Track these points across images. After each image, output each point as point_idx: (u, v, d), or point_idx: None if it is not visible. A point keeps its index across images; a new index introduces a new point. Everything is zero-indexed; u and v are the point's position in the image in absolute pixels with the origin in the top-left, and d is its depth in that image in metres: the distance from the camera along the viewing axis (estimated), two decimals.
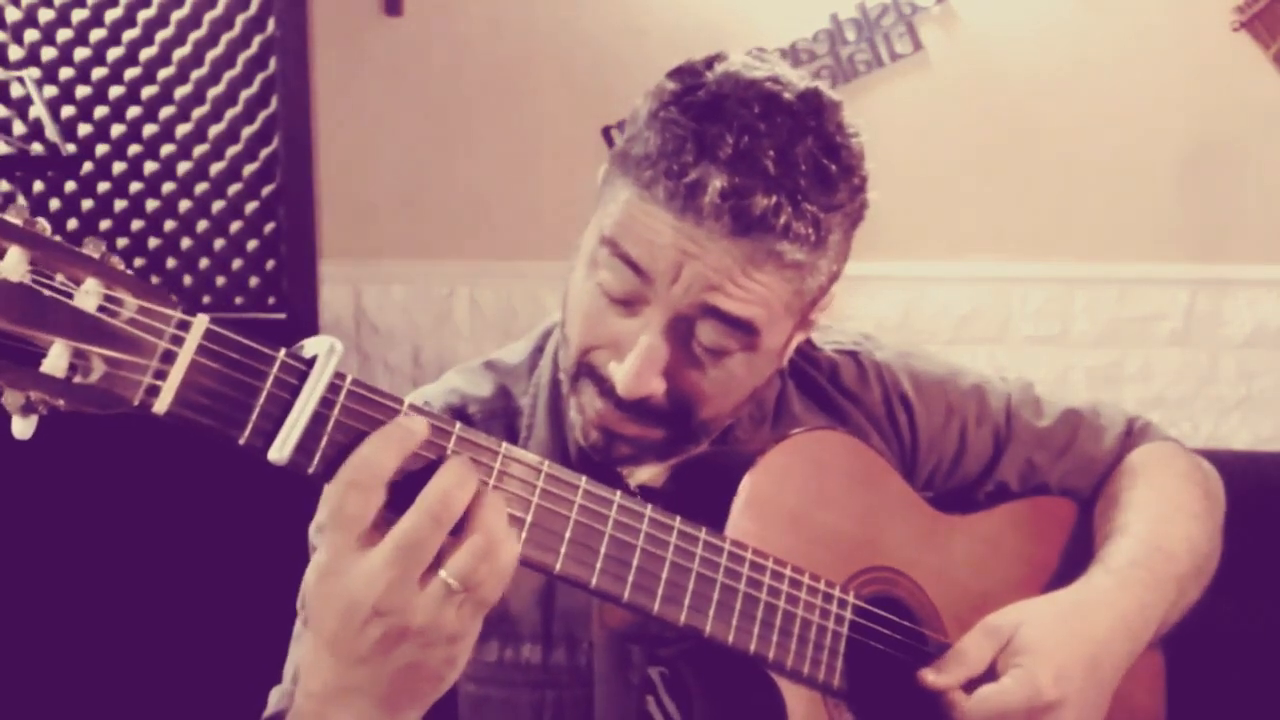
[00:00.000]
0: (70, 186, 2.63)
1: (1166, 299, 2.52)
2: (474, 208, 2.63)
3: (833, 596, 1.04)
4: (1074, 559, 1.26)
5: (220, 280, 2.75)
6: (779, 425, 1.19)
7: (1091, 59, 2.48)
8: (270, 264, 2.75)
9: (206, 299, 2.75)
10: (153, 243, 2.73)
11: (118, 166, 2.60)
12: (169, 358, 0.69)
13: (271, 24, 2.66)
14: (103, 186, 2.68)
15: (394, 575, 0.72)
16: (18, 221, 0.64)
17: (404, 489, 0.74)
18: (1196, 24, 2.36)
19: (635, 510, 0.88)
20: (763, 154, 0.94)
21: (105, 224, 2.72)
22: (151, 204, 2.62)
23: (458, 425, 0.79)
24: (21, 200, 0.67)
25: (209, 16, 2.67)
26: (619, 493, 0.87)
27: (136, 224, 2.71)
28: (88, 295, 0.66)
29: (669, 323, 0.97)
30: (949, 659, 1.07)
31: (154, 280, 2.84)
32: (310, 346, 0.74)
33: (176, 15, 2.67)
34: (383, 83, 2.64)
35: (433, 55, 2.62)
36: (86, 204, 2.72)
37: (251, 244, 2.72)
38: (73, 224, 2.73)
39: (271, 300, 2.74)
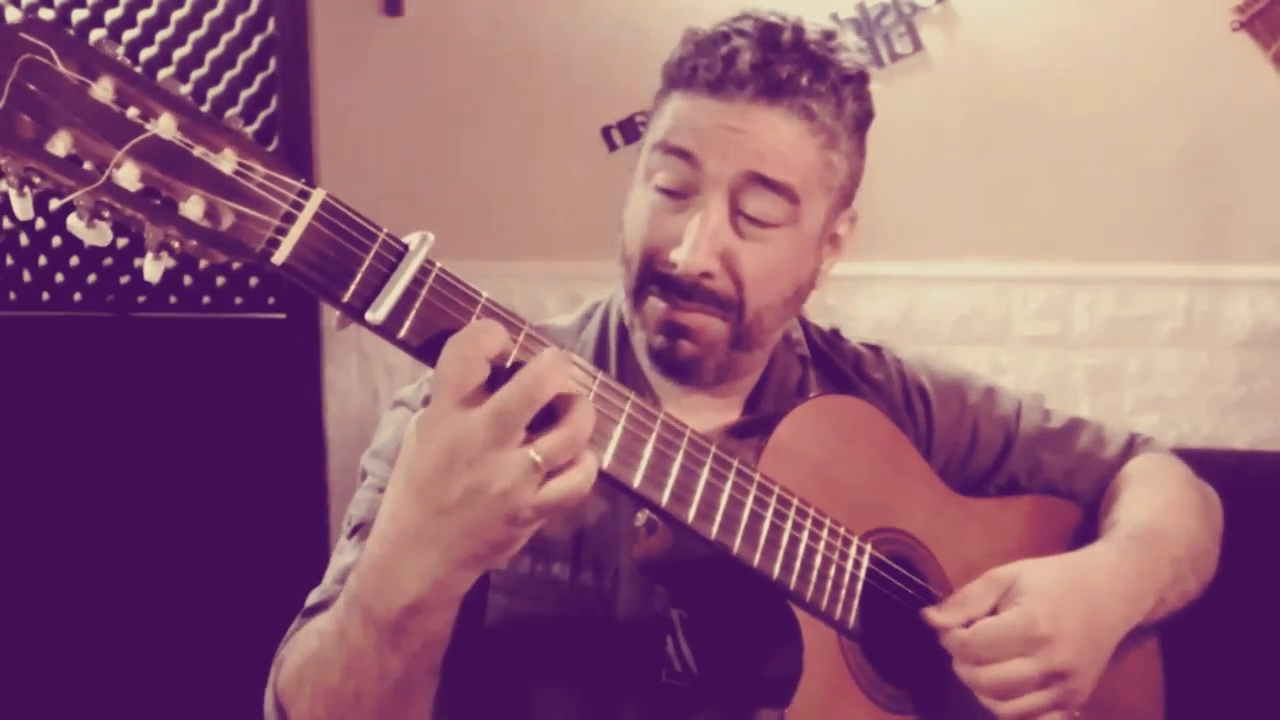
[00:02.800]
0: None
1: (1166, 299, 2.52)
2: (473, 208, 2.63)
3: (851, 542, 1.10)
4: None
5: (220, 280, 2.75)
6: None
7: (1091, 59, 2.48)
8: None
9: (206, 299, 2.75)
10: None
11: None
12: (289, 219, 0.79)
13: (271, 24, 2.66)
14: None
15: (488, 436, 0.80)
16: (173, 91, 0.76)
17: (504, 376, 0.83)
18: (1196, 24, 2.35)
19: (676, 428, 0.95)
20: (780, 35, 1.13)
21: None
22: None
23: (528, 326, 0.87)
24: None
25: (209, 16, 2.67)
26: (663, 410, 0.95)
27: None
28: (225, 160, 0.77)
29: (719, 200, 1.11)
30: (952, 601, 1.13)
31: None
32: (407, 238, 0.85)
33: (176, 15, 2.67)
34: (383, 83, 2.64)
35: (433, 55, 2.62)
36: None
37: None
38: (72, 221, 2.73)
39: (271, 300, 2.75)
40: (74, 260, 2.74)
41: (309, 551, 2.67)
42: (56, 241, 2.74)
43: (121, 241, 2.73)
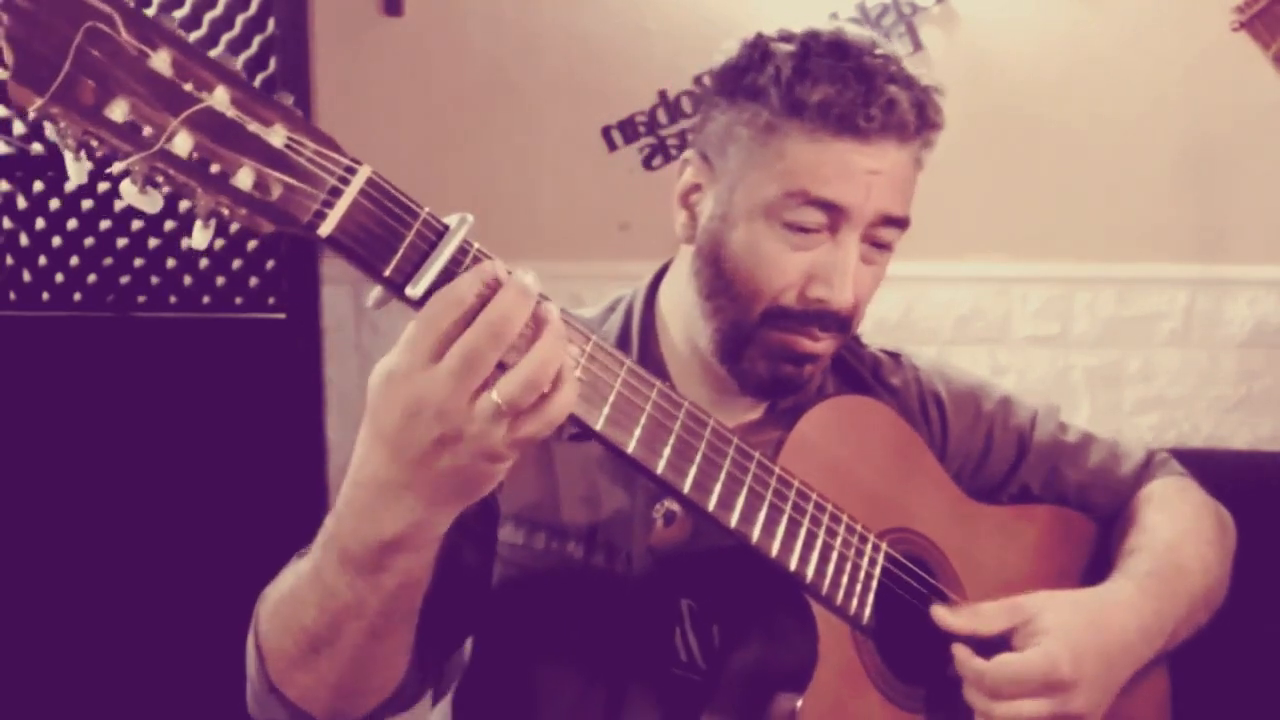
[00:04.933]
0: (71, 186, 2.63)
1: (1166, 299, 2.52)
2: (474, 208, 2.61)
3: (868, 539, 1.11)
4: (1090, 569, 1.31)
5: (220, 280, 2.75)
6: None
7: (1091, 59, 2.48)
8: (270, 264, 2.75)
9: (206, 299, 2.75)
10: (153, 243, 2.74)
11: (118, 166, 2.62)
12: (336, 192, 0.81)
13: (271, 24, 2.66)
14: (103, 186, 2.68)
15: (455, 383, 0.81)
16: (228, 65, 0.78)
17: None
18: (1196, 24, 2.35)
19: (700, 418, 0.98)
20: (901, 70, 1.16)
21: (105, 224, 2.72)
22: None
23: (561, 311, 0.87)
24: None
25: (209, 16, 2.67)
26: (688, 400, 0.97)
27: (136, 223, 2.71)
28: (275, 134, 0.79)
29: (855, 236, 1.14)
30: (965, 608, 1.14)
31: (152, 280, 2.84)
32: (447, 218, 0.88)
33: (177, 15, 2.67)
34: (383, 83, 2.63)
35: (433, 55, 2.62)
36: (86, 204, 2.72)
37: (251, 244, 2.72)
38: (73, 224, 2.73)
39: (271, 300, 2.75)
40: (74, 260, 2.74)
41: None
42: (56, 241, 2.74)
43: (121, 241, 2.73)
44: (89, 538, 2.77)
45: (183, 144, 0.76)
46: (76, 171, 0.76)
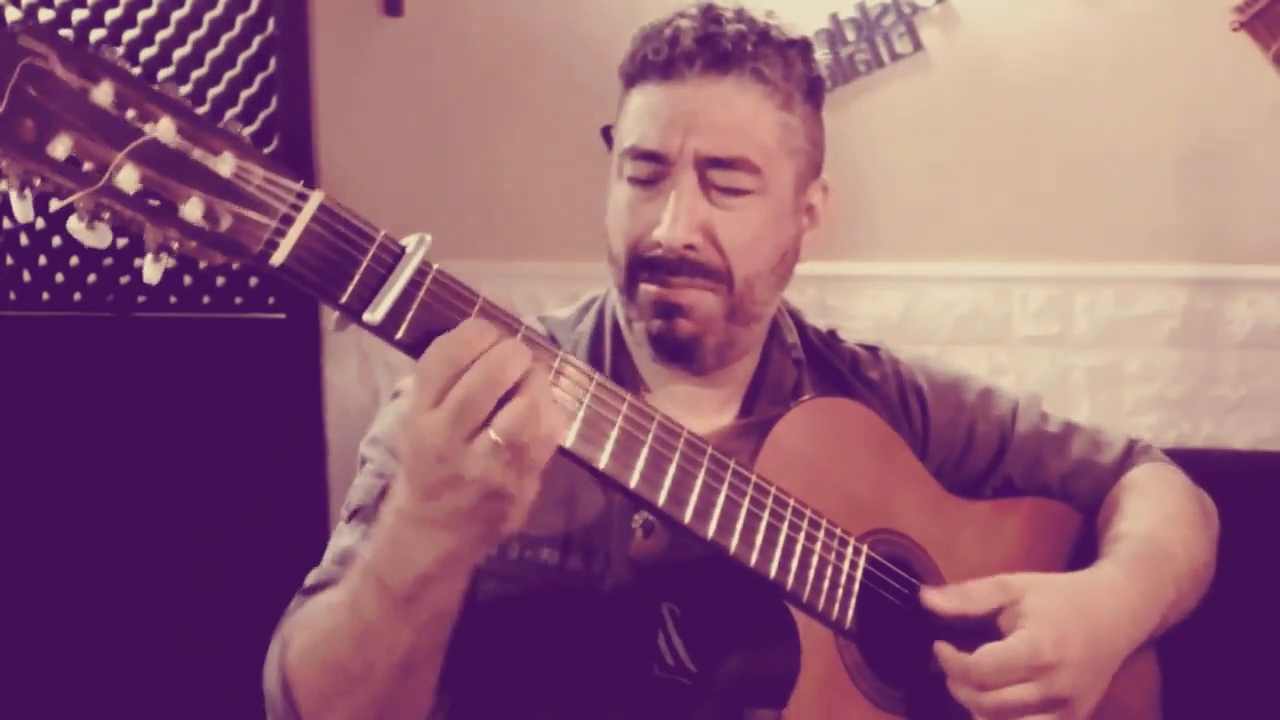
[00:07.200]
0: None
1: (1166, 299, 2.52)
2: (474, 208, 2.63)
3: (848, 543, 1.11)
4: (1074, 560, 1.30)
5: (220, 280, 2.75)
6: None
7: (1091, 59, 2.47)
8: None
9: (206, 299, 2.75)
10: None
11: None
12: (287, 220, 0.81)
13: (271, 24, 2.66)
14: None
15: (450, 430, 0.83)
16: (172, 95, 0.77)
17: None
18: (1196, 24, 2.35)
19: (673, 429, 0.97)
20: (721, 11, 1.16)
21: None
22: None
23: (524, 328, 0.90)
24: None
25: (209, 16, 2.67)
26: (660, 411, 0.97)
27: None
28: (224, 163, 0.78)
29: (689, 176, 1.14)
30: (953, 589, 1.13)
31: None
32: (405, 240, 0.86)
33: (176, 15, 2.67)
34: (383, 83, 2.64)
35: (433, 55, 2.62)
36: None
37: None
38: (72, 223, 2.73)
39: (271, 300, 2.75)
40: (74, 260, 2.74)
41: (309, 551, 2.66)
42: (56, 241, 2.74)
43: (121, 241, 2.72)
44: (89, 538, 2.77)
45: (128, 178, 0.75)
46: (22, 210, 0.76)
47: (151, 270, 0.79)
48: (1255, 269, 2.49)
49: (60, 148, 0.73)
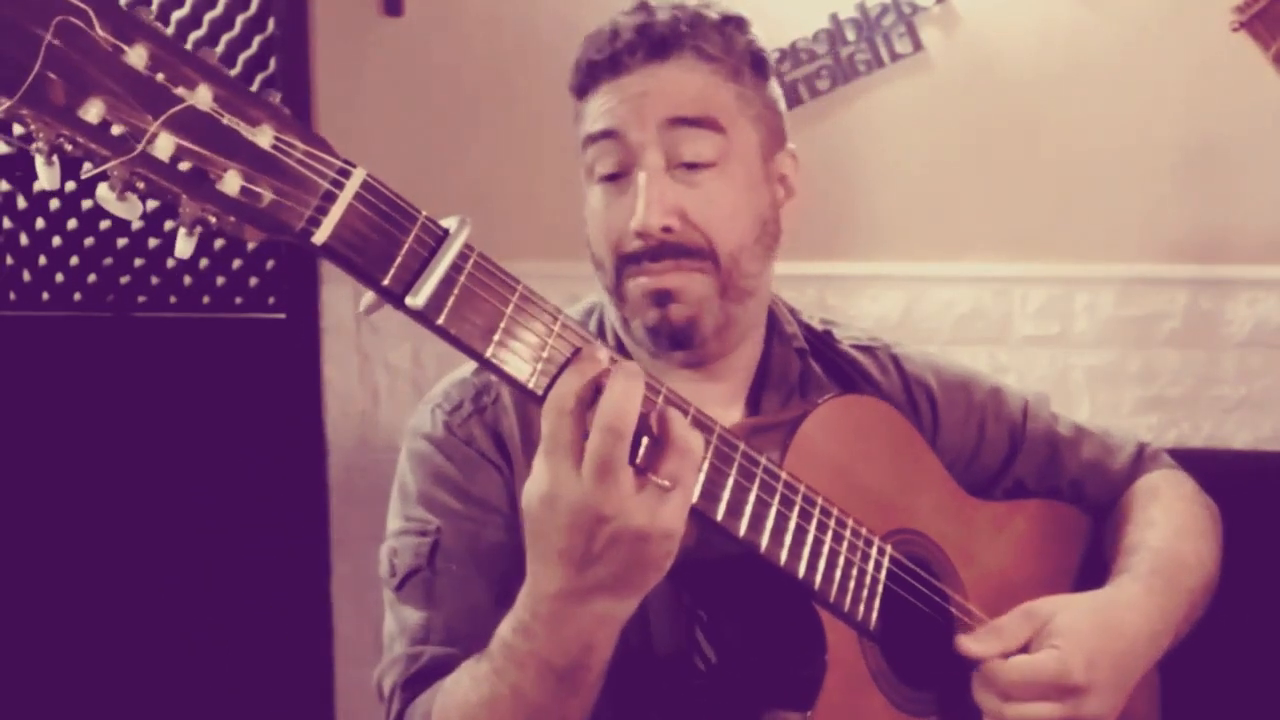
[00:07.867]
0: (71, 186, 2.63)
1: (1166, 299, 2.52)
2: (474, 208, 2.61)
3: (873, 543, 1.10)
4: (1084, 561, 1.31)
5: (220, 280, 2.75)
6: (808, 396, 1.27)
7: (1091, 59, 2.47)
8: (270, 264, 2.75)
9: (206, 299, 2.75)
10: (152, 243, 2.74)
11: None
12: (329, 197, 0.77)
13: (271, 24, 2.66)
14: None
15: (606, 486, 0.82)
16: (210, 61, 0.74)
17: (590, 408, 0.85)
18: (1196, 24, 2.35)
19: (706, 424, 0.96)
20: (660, 6, 1.19)
21: (105, 224, 2.72)
22: (151, 203, 2.63)
23: (592, 340, 0.91)
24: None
25: (209, 16, 2.67)
26: (693, 406, 0.95)
27: (137, 223, 2.71)
28: (263, 135, 0.75)
29: (654, 159, 1.15)
30: (986, 631, 1.12)
31: (152, 280, 2.84)
32: (445, 221, 0.84)
33: (177, 15, 2.67)
34: (383, 83, 2.63)
35: (433, 55, 2.62)
36: (86, 204, 2.72)
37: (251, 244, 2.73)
38: (73, 224, 2.73)
39: (271, 300, 2.75)
40: (74, 260, 2.74)
41: (309, 551, 2.67)
42: (56, 241, 2.74)
43: (121, 241, 2.73)
44: (89, 538, 2.77)
45: (164, 146, 0.71)
46: (48, 176, 0.72)
47: (184, 245, 0.75)
48: (1255, 269, 2.49)
49: (93, 112, 0.69)
